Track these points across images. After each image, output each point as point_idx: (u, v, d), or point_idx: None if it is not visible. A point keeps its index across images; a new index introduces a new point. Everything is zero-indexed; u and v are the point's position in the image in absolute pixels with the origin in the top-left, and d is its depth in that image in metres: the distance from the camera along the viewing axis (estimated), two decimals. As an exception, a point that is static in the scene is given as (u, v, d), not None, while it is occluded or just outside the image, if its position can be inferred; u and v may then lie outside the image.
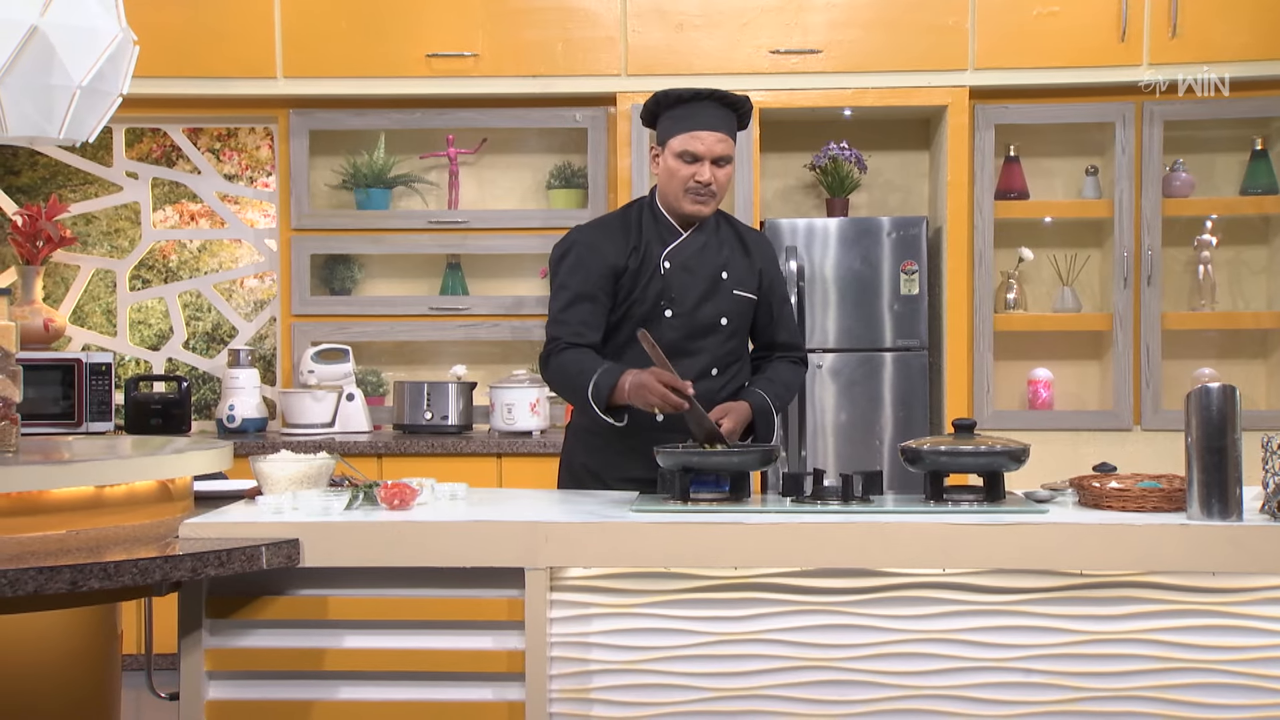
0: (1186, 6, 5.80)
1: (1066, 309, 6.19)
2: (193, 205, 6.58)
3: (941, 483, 3.20)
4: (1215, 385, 2.93)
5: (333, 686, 3.05)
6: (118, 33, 3.37)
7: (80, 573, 2.67)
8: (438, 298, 6.25)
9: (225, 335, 6.57)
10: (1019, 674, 2.98)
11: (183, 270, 6.57)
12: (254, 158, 6.57)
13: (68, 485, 3.01)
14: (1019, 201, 6.13)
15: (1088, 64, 5.88)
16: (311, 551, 2.98)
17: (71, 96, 3.30)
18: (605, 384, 3.56)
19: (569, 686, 3.03)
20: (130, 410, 6.06)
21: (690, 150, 3.65)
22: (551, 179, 6.30)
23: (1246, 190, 6.14)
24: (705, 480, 3.27)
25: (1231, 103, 5.96)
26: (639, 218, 3.80)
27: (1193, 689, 2.94)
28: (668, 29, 5.94)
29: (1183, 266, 6.25)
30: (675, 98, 3.70)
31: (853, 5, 5.89)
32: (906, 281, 5.94)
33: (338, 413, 6.02)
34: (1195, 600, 2.94)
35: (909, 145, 6.42)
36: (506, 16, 5.95)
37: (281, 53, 5.98)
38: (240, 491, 3.57)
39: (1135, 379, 6.01)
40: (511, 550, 2.98)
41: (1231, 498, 2.91)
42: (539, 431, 5.85)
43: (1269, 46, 5.81)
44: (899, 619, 3.01)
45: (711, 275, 3.75)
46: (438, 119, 6.20)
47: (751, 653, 3.03)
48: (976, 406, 6.01)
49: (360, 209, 6.24)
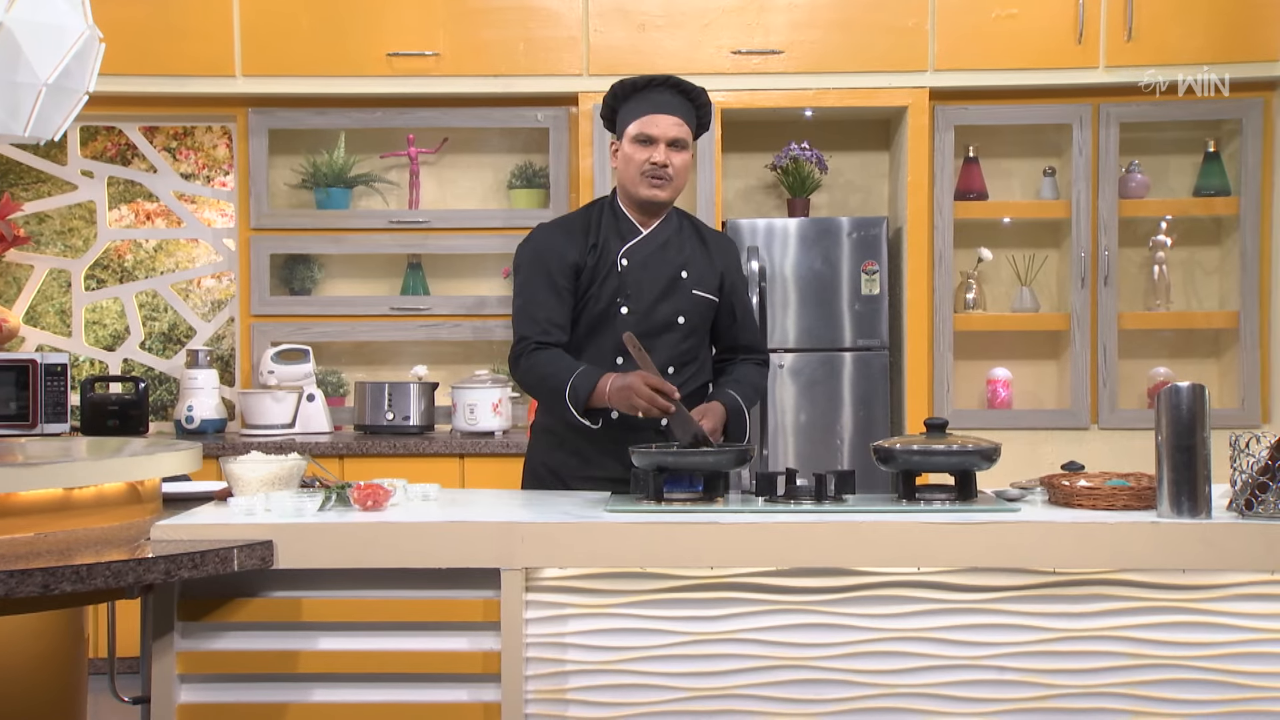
0: (1142, 10, 5.86)
1: (1025, 309, 6.24)
2: (149, 204, 6.52)
3: (914, 482, 3.22)
4: (1185, 385, 2.96)
5: (306, 689, 3.03)
6: (84, 30, 3.34)
7: (52, 575, 2.64)
8: (399, 298, 6.22)
9: (182, 336, 6.52)
10: (993, 671, 3.00)
11: (138, 270, 6.51)
12: (211, 156, 6.52)
13: (36, 487, 2.97)
14: (978, 202, 6.17)
15: (1045, 66, 5.93)
16: (285, 553, 2.96)
17: (37, 94, 3.26)
18: (583, 386, 3.56)
19: (545, 687, 3.03)
20: (86, 411, 6.00)
21: (645, 133, 3.68)
22: (513, 179, 6.29)
23: (1199, 192, 6.21)
24: (679, 480, 3.27)
25: (1185, 105, 6.03)
26: (599, 216, 3.82)
27: (1163, 685, 2.97)
28: (630, 29, 5.94)
29: (1138, 267, 6.31)
30: (630, 86, 3.74)
31: (814, 6, 5.91)
32: (867, 281, 5.96)
33: (298, 413, 5.99)
34: (1165, 597, 2.97)
35: (869, 146, 6.45)
36: (468, 16, 5.93)
37: (241, 51, 5.94)
38: (208, 493, 3.54)
39: (1093, 378, 6.07)
40: (488, 551, 2.97)
41: (1201, 496, 2.94)
42: (501, 432, 5.83)
43: (1222, 50, 5.88)
44: (874, 618, 3.02)
45: (670, 274, 3.75)
46: (398, 118, 6.17)
47: (727, 652, 3.03)
48: (937, 406, 6.04)
49: (320, 208, 6.21)
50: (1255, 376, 6.05)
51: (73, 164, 6.43)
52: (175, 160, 6.47)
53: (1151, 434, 5.93)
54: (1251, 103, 6.02)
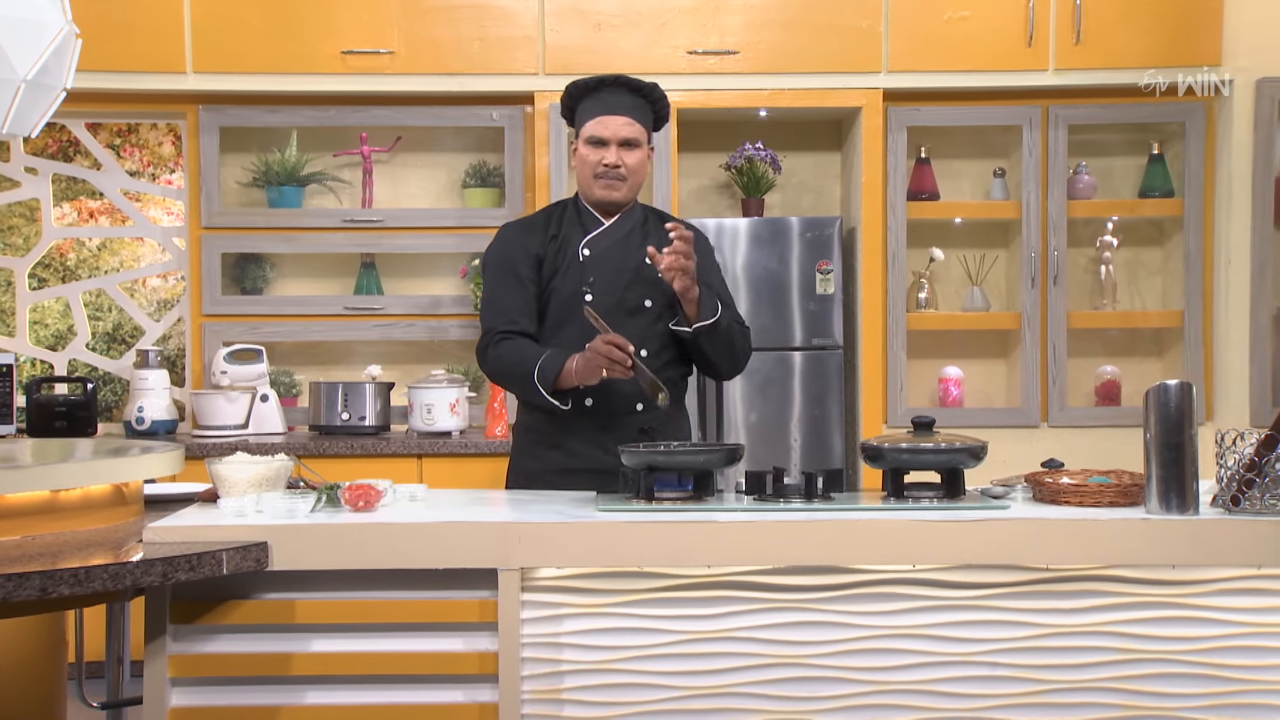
0: (1090, 14, 5.94)
1: (975, 308, 6.31)
2: (92, 202, 6.43)
3: (903, 480, 3.24)
4: (1174, 383, 3.00)
5: (299, 691, 3.01)
6: (64, 25, 3.28)
7: (50, 579, 2.60)
8: (353, 297, 6.18)
9: (127, 336, 6.44)
10: (985, 668, 3.03)
11: (81, 269, 6.42)
12: (155, 154, 6.45)
13: (23, 490, 2.93)
14: (930, 202, 6.23)
15: (996, 68, 5.99)
16: (279, 555, 2.94)
17: (16, 90, 3.21)
18: (551, 367, 3.59)
19: (540, 687, 3.02)
20: (33, 413, 5.89)
21: (596, 135, 3.73)
22: (467, 178, 6.26)
23: (1145, 193, 6.31)
24: (669, 479, 3.27)
25: (1131, 108, 6.14)
26: (562, 212, 3.89)
27: (1153, 679, 3.01)
28: (586, 28, 5.93)
29: (1083, 267, 6.40)
30: (584, 86, 3.79)
31: (769, 7, 5.94)
32: (822, 281, 6.00)
33: (251, 414, 5.92)
34: (1155, 592, 3.02)
35: (821, 146, 6.49)
36: (423, 14, 5.90)
37: (191, 47, 5.87)
38: (188, 494, 3.50)
39: (1043, 377, 6.14)
40: (485, 551, 2.96)
41: (1189, 492, 2.99)
42: (459, 432, 5.81)
43: (1167, 54, 5.97)
44: (868, 615, 3.04)
45: (634, 262, 3.78)
46: (352, 116, 6.12)
47: (722, 650, 3.04)
48: (890, 405, 6.09)
49: (272, 207, 6.14)
50: (1199, 374, 6.15)
51: (16, 160, 6.31)
52: (120, 158, 6.39)
53: (1101, 431, 6.12)
54: (1194, 106, 6.12)
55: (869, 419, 6.04)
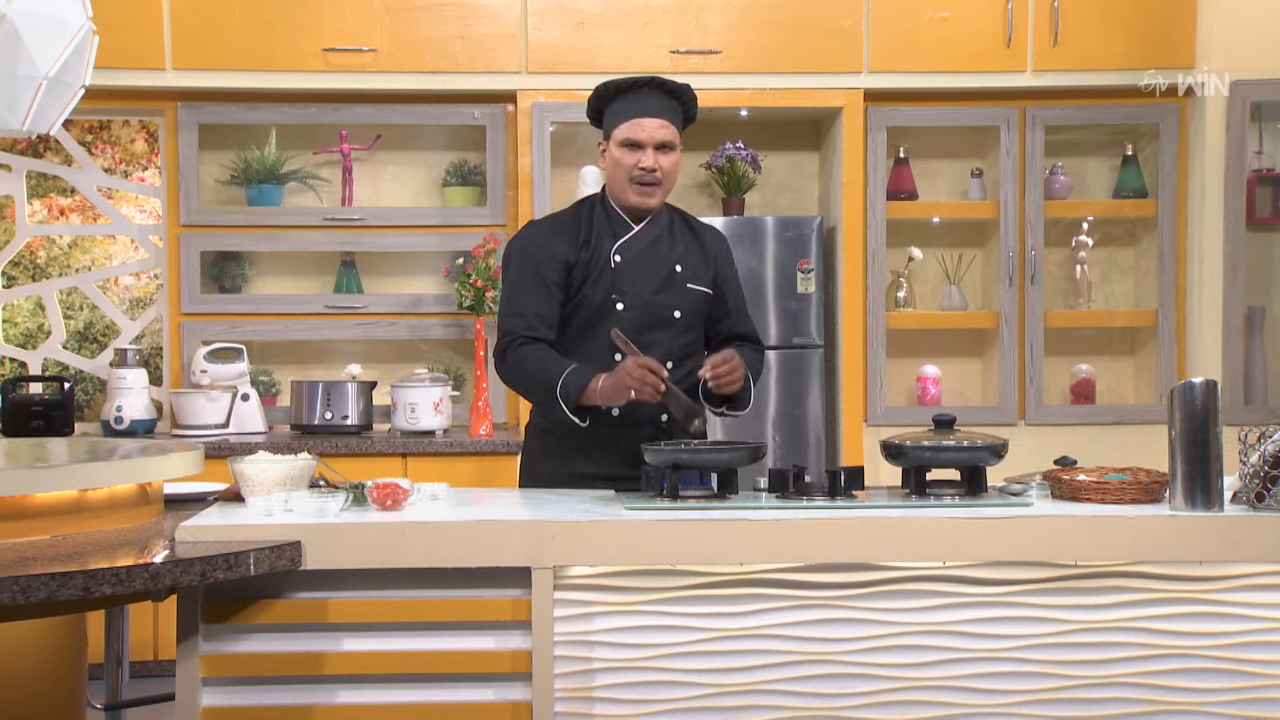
0: (1067, 16, 6.00)
1: (953, 307, 6.36)
2: (63, 199, 6.36)
3: (925, 477, 3.27)
4: (1199, 380, 3.05)
5: (331, 690, 2.99)
6: (84, 22, 3.25)
7: (93, 578, 2.58)
8: (334, 296, 6.14)
9: (98, 335, 6.37)
10: (1013, 663, 3.06)
11: (52, 267, 6.35)
12: (128, 151, 6.38)
13: (53, 489, 2.90)
14: (909, 202, 6.28)
15: (975, 69, 6.04)
16: (312, 553, 2.92)
17: (37, 88, 3.17)
18: (575, 384, 3.53)
19: (572, 685, 3.02)
20: (9, 412, 5.81)
21: (632, 138, 3.67)
22: (448, 176, 6.24)
23: (1119, 193, 6.39)
24: (692, 478, 3.28)
25: (1106, 109, 6.22)
26: (590, 213, 3.80)
27: (1178, 674, 3.05)
28: (569, 27, 5.93)
29: (1058, 266, 6.46)
30: (615, 88, 3.72)
31: (752, 7, 5.96)
32: (803, 280, 6.03)
33: (232, 413, 5.88)
34: (1180, 588, 3.06)
35: (799, 146, 6.52)
36: (406, 12, 5.88)
37: (171, 43, 5.81)
38: (200, 494, 3.48)
39: (1020, 375, 6.21)
40: (518, 550, 2.96)
41: (1214, 489, 3.03)
42: (442, 431, 5.79)
43: (1142, 56, 6.05)
44: (897, 612, 3.06)
45: (665, 269, 3.75)
46: (333, 114, 6.09)
47: (752, 648, 3.05)
48: (870, 403, 6.14)
49: (251, 205, 6.10)
50: (1172, 372, 6.23)
51: (-13, 157, 6.24)
52: (92, 154, 6.32)
53: (1077, 429, 6.18)
54: (1168, 108, 6.20)
55: (849, 418, 6.08)
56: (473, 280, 5.75)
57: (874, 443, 6.12)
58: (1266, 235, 6.34)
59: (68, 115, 3.34)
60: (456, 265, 5.94)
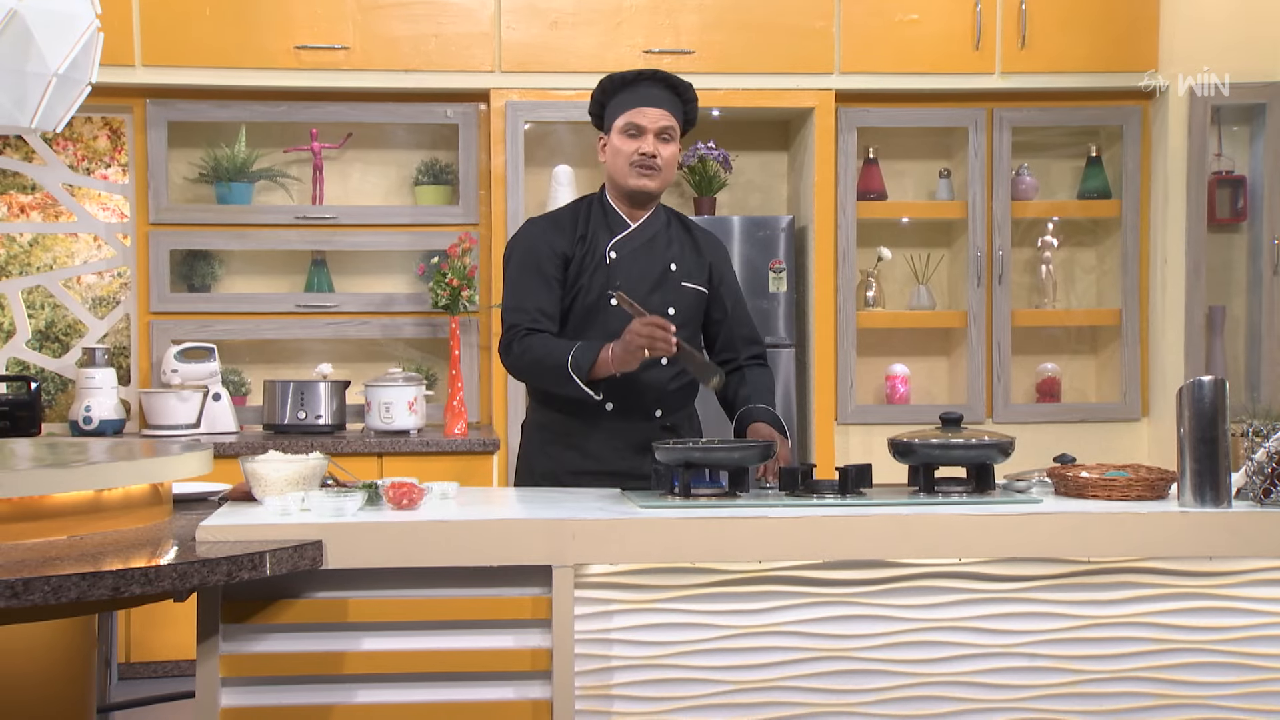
0: (1035, 19, 6.07)
1: (921, 306, 6.42)
2: (23, 196, 6.27)
3: (933, 475, 3.30)
4: (1207, 379, 3.09)
5: (350, 690, 2.98)
6: (94, 19, 3.21)
7: (122, 578, 2.56)
8: (305, 295, 6.09)
9: (60, 334, 6.29)
10: (1025, 659, 3.09)
11: (12, 265, 6.26)
12: (90, 148, 6.30)
13: (70, 489, 2.87)
14: (879, 202, 6.32)
15: (945, 70, 6.10)
16: (332, 553, 2.91)
17: (47, 85, 3.12)
18: (585, 357, 3.55)
19: (591, 683, 3.02)
20: (-26, 412, 5.74)
21: (634, 123, 3.70)
22: (420, 175, 6.21)
23: (1083, 194, 6.47)
24: (703, 476, 3.30)
25: (1071, 111, 6.30)
26: (588, 210, 3.83)
27: (1187, 668, 3.10)
28: (542, 26, 5.93)
29: (1024, 266, 6.54)
30: (619, 80, 3.77)
31: (724, 7, 5.99)
32: (774, 279, 6.06)
33: (203, 413, 5.82)
34: (1189, 584, 3.11)
35: (769, 146, 6.55)
36: (379, 10, 5.85)
37: (140, 40, 5.76)
38: (203, 494, 3.45)
39: (987, 374, 6.27)
40: (539, 548, 2.96)
41: (1223, 485, 3.08)
42: (416, 430, 5.76)
43: (1107, 59, 6.13)
44: (911, 608, 3.09)
45: (660, 267, 3.79)
46: (305, 112, 6.05)
47: (769, 645, 3.07)
48: (841, 401, 6.18)
49: (221, 203, 6.04)
50: (1136, 371, 6.33)
51: (-52, 155, 6.14)
52: (55, 151, 6.23)
53: (1043, 427, 6.24)
54: (1131, 110, 6.29)
55: (820, 416, 6.12)
56: (448, 279, 5.73)
57: (845, 441, 6.18)
58: (1226, 236, 6.44)
59: (74, 112, 3.30)
60: (431, 264, 5.92)
